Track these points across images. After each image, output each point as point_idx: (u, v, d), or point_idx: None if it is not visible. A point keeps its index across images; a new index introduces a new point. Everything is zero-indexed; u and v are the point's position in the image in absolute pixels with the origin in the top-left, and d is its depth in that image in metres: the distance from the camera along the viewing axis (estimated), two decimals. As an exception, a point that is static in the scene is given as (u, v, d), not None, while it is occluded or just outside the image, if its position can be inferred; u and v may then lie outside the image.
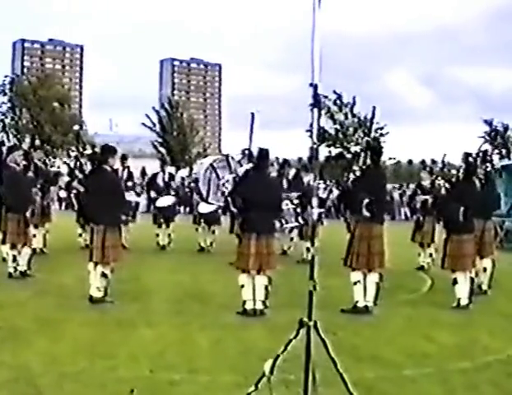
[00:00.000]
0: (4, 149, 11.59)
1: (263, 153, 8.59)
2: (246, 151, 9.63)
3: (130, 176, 15.12)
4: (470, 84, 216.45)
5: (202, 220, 15.26)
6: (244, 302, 8.22)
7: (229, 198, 8.59)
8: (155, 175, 16.64)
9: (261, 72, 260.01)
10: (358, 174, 9.03)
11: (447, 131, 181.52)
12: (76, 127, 51.14)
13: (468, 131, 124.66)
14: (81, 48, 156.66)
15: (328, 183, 33.74)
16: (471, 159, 9.28)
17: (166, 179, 16.11)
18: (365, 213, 8.33)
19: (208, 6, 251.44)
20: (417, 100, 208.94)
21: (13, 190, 10.37)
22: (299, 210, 11.92)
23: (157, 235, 15.67)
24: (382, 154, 9.48)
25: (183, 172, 22.10)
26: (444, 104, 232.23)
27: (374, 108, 49.32)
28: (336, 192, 27.61)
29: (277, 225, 9.46)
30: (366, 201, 8.29)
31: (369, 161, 8.65)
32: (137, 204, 16.29)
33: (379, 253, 8.45)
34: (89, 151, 13.20)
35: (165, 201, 15.50)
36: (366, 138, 45.25)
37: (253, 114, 9.19)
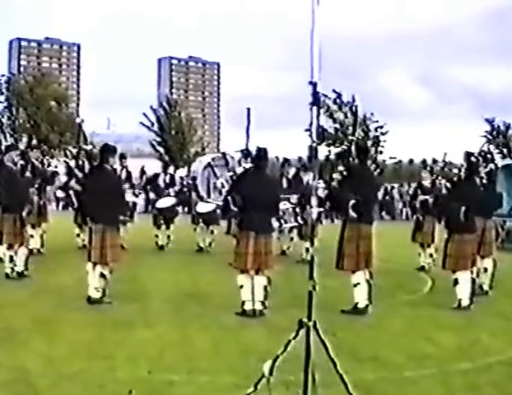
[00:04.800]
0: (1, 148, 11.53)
1: (262, 152, 8.55)
2: (245, 152, 9.60)
3: (128, 176, 15.04)
4: (467, 83, 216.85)
5: (200, 220, 15.21)
6: (243, 302, 8.18)
7: (229, 197, 8.53)
8: (155, 176, 16.54)
9: (260, 71, 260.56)
10: (345, 173, 9.01)
11: (445, 130, 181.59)
12: (78, 121, 50.89)
13: (466, 129, 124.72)
14: (78, 46, 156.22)
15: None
16: (473, 158, 9.24)
17: (167, 181, 16.02)
18: (352, 214, 8.30)
19: (207, 5, 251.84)
20: (415, 99, 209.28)
21: (10, 190, 10.31)
22: (298, 209, 11.89)
23: (156, 236, 15.62)
24: (368, 153, 9.44)
25: (182, 172, 22.07)
26: (441, 103, 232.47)
27: (356, 107, 49.14)
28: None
29: (276, 224, 9.43)
30: (352, 202, 8.27)
31: (356, 161, 8.64)
32: (135, 204, 16.23)
33: (366, 253, 8.43)
34: (89, 146, 13.05)
35: (166, 202, 15.44)
36: (351, 137, 45.22)
37: (248, 109, 9.18)
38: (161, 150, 53.20)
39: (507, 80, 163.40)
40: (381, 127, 49.62)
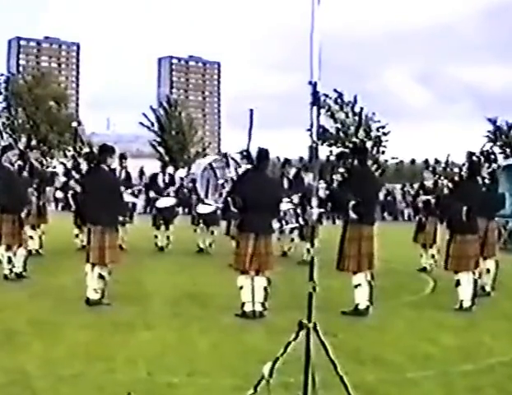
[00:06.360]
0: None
1: (263, 153, 8.50)
2: (245, 153, 9.55)
3: (128, 176, 14.98)
4: (469, 82, 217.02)
5: (200, 221, 15.15)
6: (243, 304, 8.14)
7: (229, 198, 8.49)
8: (155, 176, 16.48)
9: (260, 71, 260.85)
10: (345, 174, 8.98)
11: (447, 129, 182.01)
12: (74, 125, 50.87)
13: (469, 129, 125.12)
14: (78, 45, 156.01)
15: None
16: (475, 158, 9.19)
17: (166, 181, 15.96)
18: (352, 215, 8.26)
19: (206, 4, 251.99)
20: (417, 99, 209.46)
21: (8, 190, 10.24)
22: (299, 210, 11.84)
23: (156, 237, 15.55)
24: (368, 153, 9.41)
25: (182, 172, 22.00)
26: (443, 103, 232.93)
27: (361, 108, 49.13)
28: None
29: (277, 225, 9.38)
30: (353, 203, 8.23)
31: (356, 162, 8.61)
32: (134, 205, 16.16)
33: (368, 254, 8.41)
34: (86, 149, 12.94)
35: (166, 202, 15.38)
36: (354, 138, 45.21)
37: (251, 111, 9.10)
38: (161, 150, 53.16)
39: (511, 79, 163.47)
40: (383, 127, 49.67)
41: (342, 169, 9.19)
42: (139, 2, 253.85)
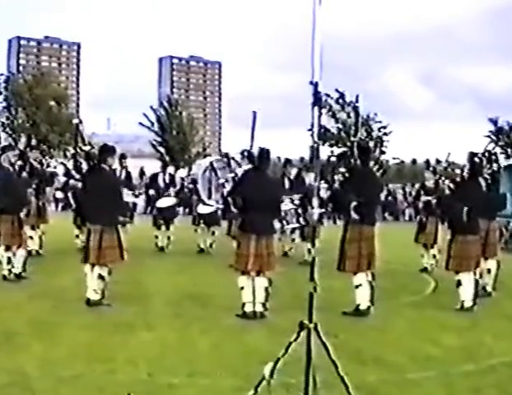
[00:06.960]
0: (-2, 149, 11.39)
1: (264, 153, 8.47)
2: (245, 153, 9.52)
3: (128, 176, 14.94)
4: (470, 82, 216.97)
5: (201, 221, 15.13)
6: (244, 304, 8.12)
7: (229, 198, 8.46)
8: (155, 176, 16.44)
9: (261, 70, 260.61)
10: (347, 174, 8.95)
11: (448, 130, 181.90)
12: (75, 121, 50.71)
13: (470, 129, 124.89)
14: (78, 45, 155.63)
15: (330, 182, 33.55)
16: (476, 159, 9.16)
17: (167, 181, 15.92)
18: (354, 215, 8.24)
19: (207, 4, 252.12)
20: (418, 99, 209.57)
21: (7, 191, 10.21)
22: (300, 210, 11.81)
23: (156, 237, 15.52)
24: (370, 154, 9.40)
25: (182, 172, 21.95)
26: (445, 103, 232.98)
27: (357, 107, 49.01)
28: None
29: (278, 225, 9.34)
30: (354, 203, 8.21)
31: (358, 162, 8.59)
32: (135, 205, 16.12)
33: (368, 254, 8.39)
34: (87, 147, 12.77)
35: (166, 201, 15.35)
36: (353, 139, 45.08)
37: (254, 113, 9.06)
38: (162, 150, 53.12)
39: (511, 79, 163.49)
40: (384, 127, 49.58)
41: (342, 169, 9.15)
42: (140, 2, 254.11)
